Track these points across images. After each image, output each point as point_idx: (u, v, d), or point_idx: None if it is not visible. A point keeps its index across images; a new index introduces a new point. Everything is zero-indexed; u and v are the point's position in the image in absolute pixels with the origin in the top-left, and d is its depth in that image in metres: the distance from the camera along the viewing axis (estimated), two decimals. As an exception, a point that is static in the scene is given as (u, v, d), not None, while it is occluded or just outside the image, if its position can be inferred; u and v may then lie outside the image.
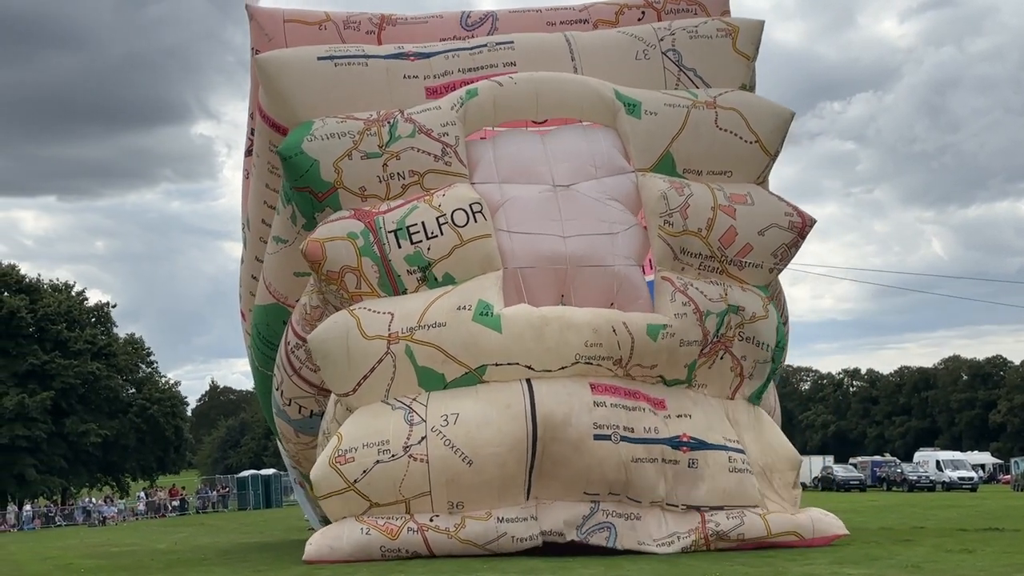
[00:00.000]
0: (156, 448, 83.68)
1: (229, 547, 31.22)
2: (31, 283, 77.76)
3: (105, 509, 65.39)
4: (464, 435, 19.09)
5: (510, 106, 21.75)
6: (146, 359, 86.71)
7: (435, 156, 20.79)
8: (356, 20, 23.85)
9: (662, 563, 17.98)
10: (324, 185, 20.66)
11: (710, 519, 20.10)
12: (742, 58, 23.62)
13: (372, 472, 19.15)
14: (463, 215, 20.12)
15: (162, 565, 24.25)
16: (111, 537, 43.03)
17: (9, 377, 71.88)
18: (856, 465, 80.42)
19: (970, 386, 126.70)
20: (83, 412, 75.45)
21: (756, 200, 21.93)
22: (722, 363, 21.07)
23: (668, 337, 20.04)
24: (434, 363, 19.59)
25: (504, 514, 19.42)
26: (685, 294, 20.47)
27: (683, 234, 20.98)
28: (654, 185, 21.22)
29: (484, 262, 20.06)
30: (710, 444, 20.26)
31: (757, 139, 22.30)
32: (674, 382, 20.60)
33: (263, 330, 24.83)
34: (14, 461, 70.86)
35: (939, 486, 67.28)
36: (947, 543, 21.69)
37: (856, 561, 17.97)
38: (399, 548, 19.24)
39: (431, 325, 19.48)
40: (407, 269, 20.08)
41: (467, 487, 19.23)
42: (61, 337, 74.39)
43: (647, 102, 21.95)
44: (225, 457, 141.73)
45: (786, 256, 22.19)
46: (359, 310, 19.88)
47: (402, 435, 19.16)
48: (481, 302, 19.50)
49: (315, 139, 20.66)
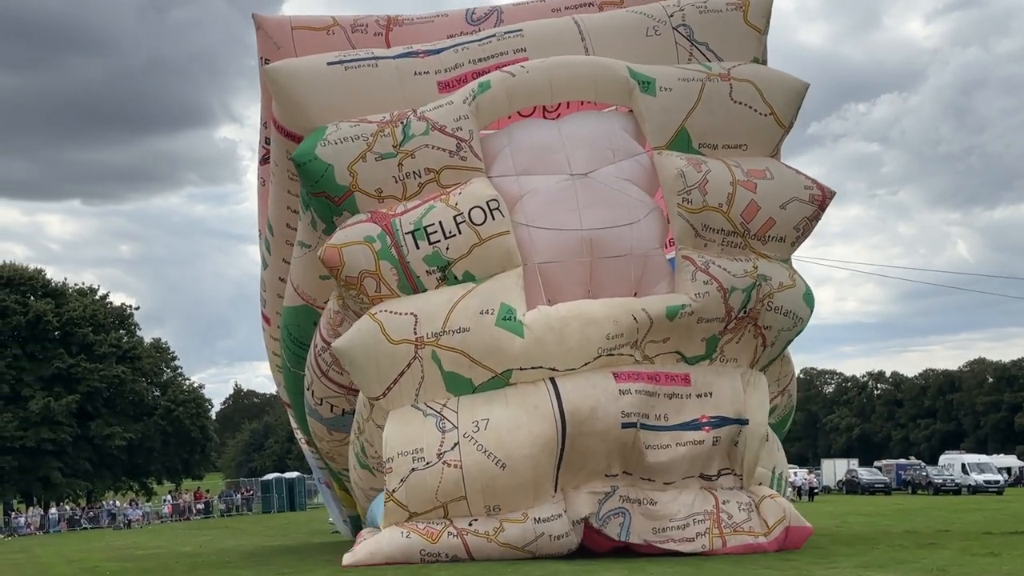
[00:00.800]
0: (181, 451, 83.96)
1: (253, 550, 31.32)
2: (56, 287, 78.15)
3: (130, 512, 65.64)
4: (496, 440, 19.20)
5: (524, 94, 21.61)
6: (170, 363, 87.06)
7: (450, 152, 20.72)
8: (363, 23, 23.80)
9: (686, 566, 17.96)
10: (340, 189, 20.66)
11: (724, 510, 20.25)
12: (753, 31, 23.47)
13: (409, 480, 19.37)
14: (480, 213, 20.05)
15: (186, 568, 24.36)
16: (136, 540, 43.22)
17: (35, 381, 72.26)
18: (881, 468, 79.96)
19: (996, 389, 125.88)
20: (108, 415, 75.77)
21: (775, 174, 21.83)
22: (748, 335, 21.05)
23: (687, 316, 20.06)
24: (460, 368, 19.66)
25: (539, 514, 19.60)
26: (707, 272, 20.40)
27: (703, 210, 20.86)
28: (671, 163, 21.06)
29: (504, 259, 20.04)
30: (730, 420, 20.41)
31: (772, 111, 22.20)
32: (695, 359, 20.57)
33: (294, 331, 24.91)
34: (40, 464, 71.23)
35: (965, 489, 66.77)
36: (973, 547, 21.58)
37: (882, 565, 17.91)
38: (439, 552, 19.43)
39: (455, 330, 19.51)
40: (426, 269, 20.07)
41: (503, 490, 19.39)
42: (86, 341, 74.72)
43: (661, 78, 21.78)
44: (249, 460, 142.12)
45: (808, 229, 22.13)
46: (380, 314, 19.91)
47: (435, 442, 19.32)
48: (504, 306, 19.52)
49: (328, 144, 20.65)
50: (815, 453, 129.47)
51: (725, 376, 20.74)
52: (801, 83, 22.85)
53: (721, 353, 20.81)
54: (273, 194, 24.91)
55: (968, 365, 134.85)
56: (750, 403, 20.84)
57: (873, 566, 17.61)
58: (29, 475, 71.43)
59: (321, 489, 33.64)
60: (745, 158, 21.86)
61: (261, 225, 28.13)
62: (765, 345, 21.51)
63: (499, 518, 19.57)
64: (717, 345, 20.68)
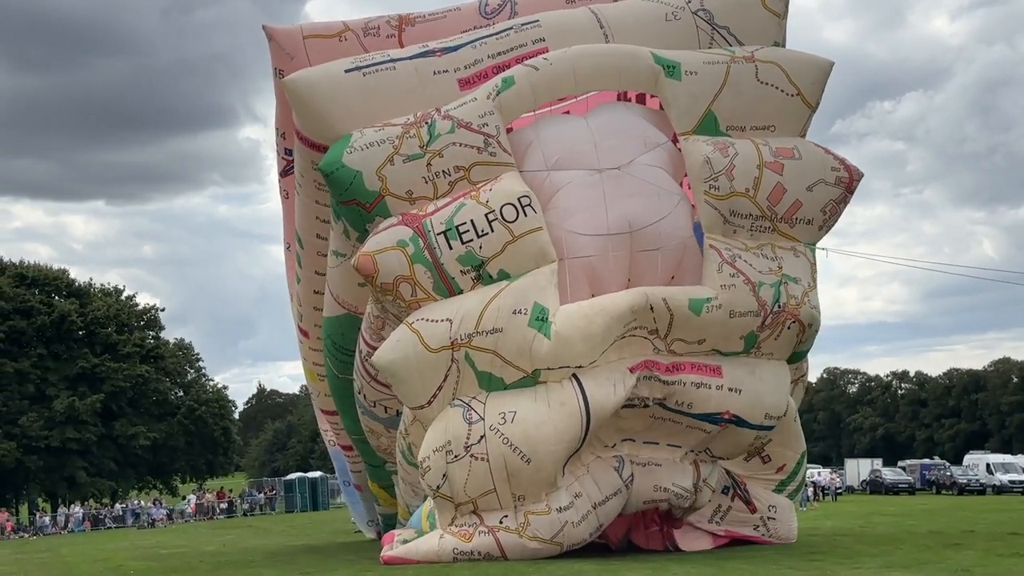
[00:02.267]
0: (205, 451, 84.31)
1: (276, 549, 31.43)
2: (81, 287, 78.63)
3: (154, 511, 65.89)
4: (522, 433, 19.27)
5: (548, 87, 21.42)
6: (194, 363, 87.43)
7: (478, 148, 20.58)
8: (375, 26, 23.59)
9: (708, 567, 17.94)
10: (370, 195, 20.52)
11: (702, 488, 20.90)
12: (773, 15, 23.39)
13: (448, 475, 19.63)
14: (512, 210, 19.91)
15: (210, 567, 24.45)
16: (160, 539, 43.38)
17: (60, 380, 72.69)
18: (905, 468, 79.56)
19: (1021, 388, 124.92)
20: (132, 415, 76.15)
21: (803, 154, 21.68)
22: (788, 332, 20.88)
23: (715, 309, 19.90)
24: (492, 368, 19.70)
25: (558, 503, 19.73)
26: (733, 266, 20.30)
27: (731, 196, 20.78)
28: (697, 150, 20.97)
29: (538, 256, 19.90)
30: (749, 424, 20.44)
31: (798, 91, 22.10)
32: (731, 353, 20.47)
33: (338, 340, 24.76)
34: (64, 464, 71.66)
35: (989, 489, 66.37)
36: (998, 547, 21.48)
37: (906, 565, 17.84)
38: (472, 551, 19.64)
39: (488, 331, 19.50)
40: (460, 269, 19.96)
41: (526, 482, 19.54)
42: (111, 341, 75.15)
43: (686, 62, 21.67)
44: (272, 460, 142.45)
45: (835, 212, 21.95)
46: (417, 323, 19.84)
47: (462, 435, 19.46)
48: (537, 306, 19.45)
49: (355, 151, 20.51)
50: (839, 453, 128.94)
51: (756, 376, 20.60)
52: (826, 62, 22.80)
53: (759, 349, 20.69)
54: (301, 205, 24.76)
55: (993, 365, 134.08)
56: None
57: (897, 566, 17.55)
58: (54, 474, 71.90)
59: (347, 492, 33.60)
60: (773, 138, 21.78)
61: (288, 237, 27.96)
62: (801, 342, 21.49)
63: (524, 511, 19.72)
64: (756, 341, 20.53)
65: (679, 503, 20.60)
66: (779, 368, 21.15)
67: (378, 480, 28.91)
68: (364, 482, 30.49)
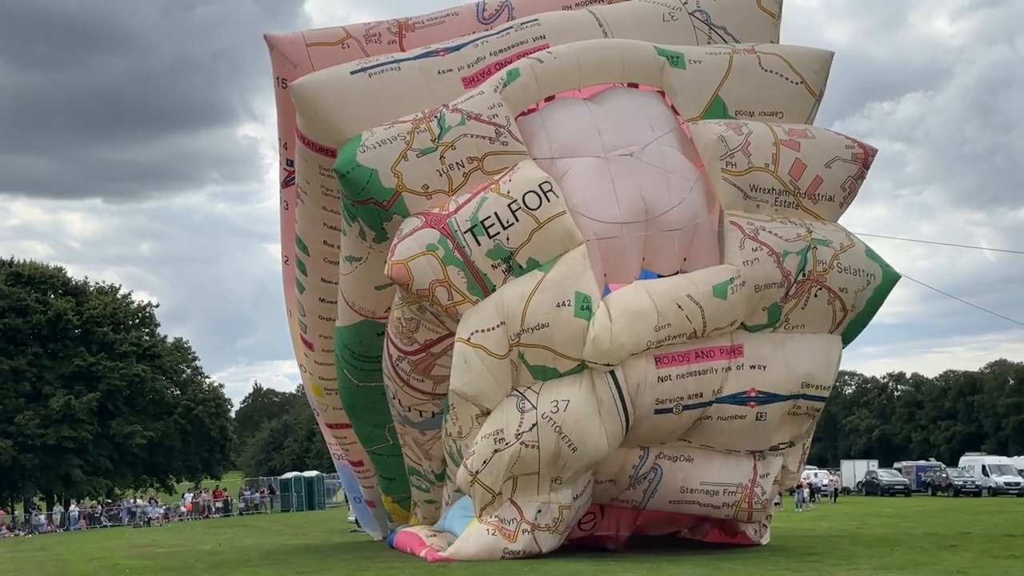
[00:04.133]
0: (201, 449, 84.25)
1: (272, 548, 31.40)
2: (77, 285, 78.57)
3: (150, 510, 65.90)
4: (574, 423, 19.38)
5: (553, 79, 21.54)
6: (190, 362, 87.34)
7: (490, 139, 20.61)
8: (376, 32, 23.64)
9: (704, 567, 17.95)
10: (386, 193, 20.49)
11: (758, 485, 20.21)
12: (768, 16, 23.62)
13: (491, 462, 19.67)
14: (535, 197, 19.91)
15: (206, 566, 24.44)
16: (156, 538, 43.36)
17: (56, 379, 72.62)
18: (901, 470, 79.67)
19: (1017, 391, 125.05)
20: (129, 413, 76.05)
21: (816, 134, 21.76)
22: (817, 300, 20.67)
23: (739, 288, 19.85)
24: (545, 361, 19.71)
25: (576, 491, 20.02)
26: (756, 239, 20.23)
27: (750, 171, 20.80)
28: (708, 130, 21.07)
29: (565, 239, 19.89)
30: (781, 396, 20.26)
31: (802, 80, 22.28)
32: (756, 327, 20.34)
33: (356, 348, 24.45)
34: (60, 462, 71.56)
35: (985, 491, 66.48)
36: (994, 549, 21.52)
37: (902, 566, 17.86)
38: (519, 551, 19.87)
39: (534, 327, 19.52)
40: (491, 264, 19.93)
41: (567, 467, 19.72)
42: (107, 339, 75.05)
43: (689, 52, 21.88)
44: (268, 459, 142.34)
45: (854, 189, 21.95)
46: (474, 337, 19.75)
47: (514, 422, 19.54)
48: (579, 295, 19.45)
49: (367, 149, 20.49)
50: (835, 454, 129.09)
51: (783, 349, 20.45)
52: (826, 52, 22.99)
53: (786, 321, 20.51)
54: (306, 213, 24.57)
55: (989, 367, 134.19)
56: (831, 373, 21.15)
57: (893, 568, 17.57)
58: (50, 473, 71.81)
59: (356, 508, 33.29)
60: (783, 123, 21.84)
61: (287, 249, 27.75)
62: (846, 310, 21.12)
63: (558, 507, 19.98)
64: (780, 313, 20.37)
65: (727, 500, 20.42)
66: (817, 340, 20.89)
67: (392, 494, 28.76)
68: (377, 498, 30.26)
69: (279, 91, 23.59)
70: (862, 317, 21.59)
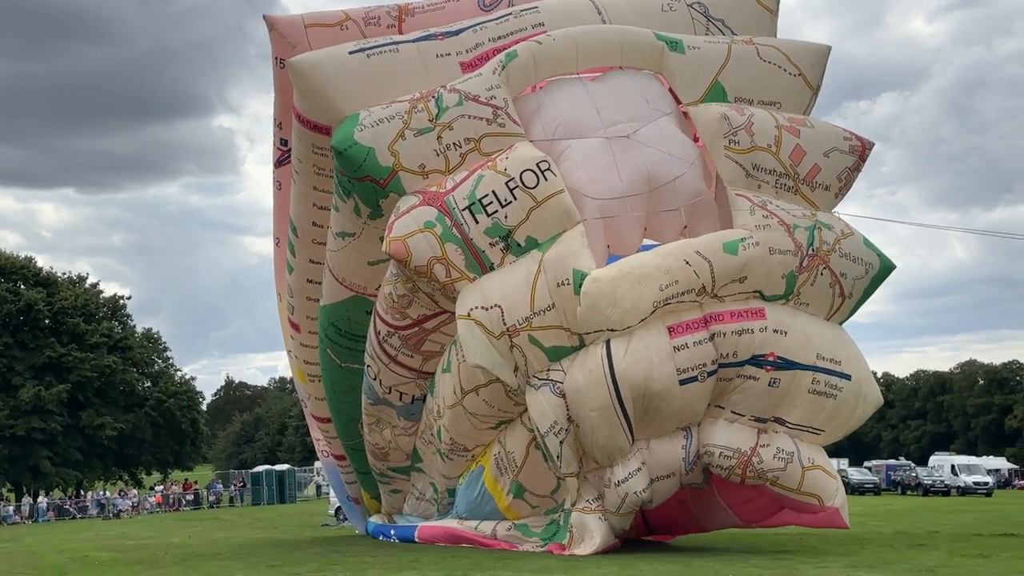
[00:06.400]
0: (172, 442, 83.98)
1: (243, 542, 31.31)
2: (48, 276, 78.08)
3: (119, 502, 65.59)
4: (573, 399, 19.34)
5: (551, 62, 21.61)
6: (162, 354, 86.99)
7: (487, 120, 20.63)
8: (375, 15, 23.62)
9: (675, 564, 17.98)
10: (383, 171, 20.49)
11: (756, 454, 20.02)
12: (766, 11, 23.80)
13: (564, 455, 19.65)
14: (532, 176, 19.88)
15: (176, 559, 24.34)
16: (125, 530, 43.18)
17: (26, 370, 72.22)
18: (871, 469, 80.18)
19: (986, 391, 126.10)
20: (99, 405, 75.75)
21: (815, 124, 21.88)
22: (822, 279, 20.58)
23: (752, 247, 19.68)
24: (561, 340, 19.57)
25: (618, 476, 19.73)
26: (765, 208, 20.22)
27: (752, 150, 20.81)
28: (710, 111, 21.12)
29: (563, 218, 19.83)
30: (799, 364, 20.02)
31: (800, 72, 22.39)
32: (773, 297, 20.12)
33: (343, 325, 24.37)
34: (30, 453, 71.21)
35: (954, 491, 67.00)
36: (962, 548, 21.63)
37: (871, 565, 17.92)
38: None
39: (544, 310, 19.45)
40: (489, 242, 19.90)
41: (588, 448, 19.68)
42: (78, 330, 74.68)
43: (688, 39, 21.99)
44: (239, 452, 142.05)
45: (850, 180, 21.98)
46: (474, 313, 19.68)
47: (562, 409, 19.41)
48: (576, 272, 19.30)
49: (365, 128, 20.50)
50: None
51: (800, 319, 20.29)
52: (823, 46, 23.13)
53: (797, 296, 20.34)
54: (297, 193, 24.57)
55: (959, 367, 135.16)
56: (851, 354, 20.88)
57: (863, 566, 17.62)
58: (19, 464, 71.43)
59: (348, 508, 33.16)
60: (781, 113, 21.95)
61: (279, 232, 27.66)
62: (844, 296, 21.04)
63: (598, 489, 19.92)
64: (795, 284, 20.19)
65: (726, 463, 20.00)
66: (820, 321, 20.78)
67: (369, 490, 28.81)
68: (358, 493, 30.36)
69: (277, 71, 23.54)
70: (853, 307, 21.58)
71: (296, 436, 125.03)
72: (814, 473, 20.26)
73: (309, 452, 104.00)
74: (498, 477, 21.67)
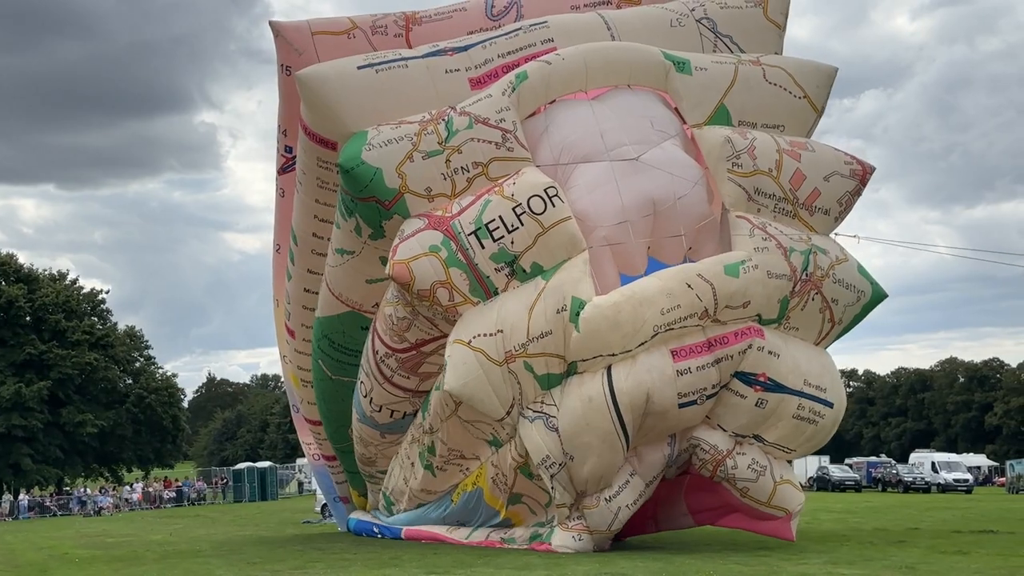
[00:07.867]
0: (153, 439, 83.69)
1: (224, 539, 31.26)
2: (29, 272, 77.70)
3: (100, 499, 65.36)
4: (571, 429, 19.31)
5: (560, 81, 21.50)
6: (143, 351, 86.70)
7: (496, 144, 20.48)
8: (382, 24, 23.41)
9: (656, 561, 18.02)
10: (390, 192, 20.27)
11: (732, 457, 20.15)
12: (774, 26, 23.83)
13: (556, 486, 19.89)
14: (540, 201, 19.74)
15: (157, 556, 24.30)
16: (106, 527, 43.04)
17: (7, 367, 71.85)
18: (852, 466, 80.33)
19: (967, 388, 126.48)
20: (80, 402, 75.42)
21: (816, 148, 21.90)
22: (812, 305, 20.70)
23: (752, 270, 19.78)
24: (552, 368, 19.55)
25: (609, 493, 19.88)
26: (764, 231, 20.29)
27: (754, 174, 20.84)
28: (714, 134, 21.16)
29: (569, 245, 19.76)
30: (788, 388, 20.15)
31: (805, 94, 22.41)
32: (767, 321, 20.24)
33: (337, 338, 24.27)
34: (10, 450, 70.84)
35: (934, 488, 67.17)
36: (942, 544, 21.73)
37: (851, 561, 18.00)
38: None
39: (538, 336, 19.37)
40: (494, 267, 19.80)
41: (576, 480, 19.78)
42: (59, 327, 74.35)
43: (695, 59, 21.96)
44: (221, 449, 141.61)
45: (850, 204, 22.04)
46: (475, 340, 19.58)
47: (556, 445, 19.46)
48: (574, 300, 19.26)
49: (373, 148, 20.27)
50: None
51: (791, 344, 20.43)
52: (830, 67, 23.12)
53: (787, 320, 20.48)
54: (299, 203, 24.39)
55: (940, 364, 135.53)
56: (835, 381, 21.03)
57: (843, 563, 17.69)
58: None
59: (335, 508, 33.17)
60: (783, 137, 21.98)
61: (280, 238, 27.56)
62: (833, 322, 21.20)
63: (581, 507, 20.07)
64: (787, 308, 20.35)
65: (702, 456, 20.26)
66: (808, 346, 20.92)
67: (358, 488, 28.93)
68: (348, 492, 30.39)
69: (282, 77, 23.37)
70: (840, 332, 21.79)
71: (278, 433, 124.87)
72: (784, 487, 20.65)
73: (291, 449, 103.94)
74: (498, 495, 21.74)
